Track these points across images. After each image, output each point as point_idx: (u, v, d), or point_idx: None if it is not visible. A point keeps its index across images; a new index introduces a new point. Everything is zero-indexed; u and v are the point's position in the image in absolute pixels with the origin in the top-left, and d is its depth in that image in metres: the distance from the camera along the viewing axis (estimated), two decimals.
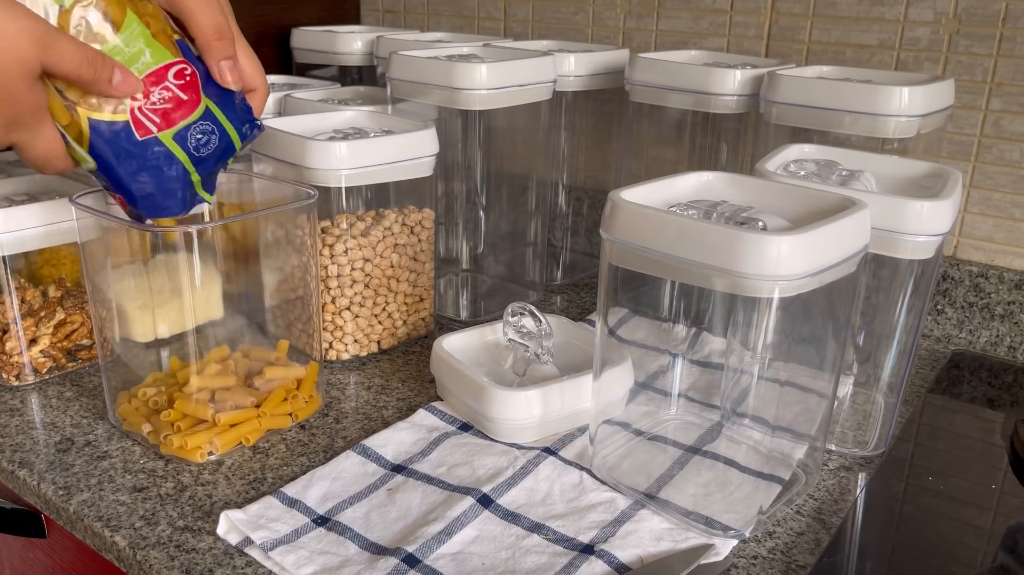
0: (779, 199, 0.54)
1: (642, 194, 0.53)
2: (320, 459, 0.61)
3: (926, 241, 0.55)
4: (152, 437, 0.62)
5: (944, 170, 0.60)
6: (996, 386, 0.76)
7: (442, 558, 0.50)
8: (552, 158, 0.94)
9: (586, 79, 0.88)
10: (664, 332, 0.62)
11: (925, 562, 0.54)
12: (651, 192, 0.54)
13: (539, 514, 0.55)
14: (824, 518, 0.56)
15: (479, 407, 0.62)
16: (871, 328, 0.63)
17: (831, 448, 0.63)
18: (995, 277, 0.81)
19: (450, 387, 0.66)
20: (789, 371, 0.54)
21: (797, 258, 0.45)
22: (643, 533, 0.53)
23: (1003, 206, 0.81)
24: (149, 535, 0.53)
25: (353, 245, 0.73)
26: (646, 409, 0.64)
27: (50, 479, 0.59)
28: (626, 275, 0.53)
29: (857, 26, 0.84)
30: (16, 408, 0.68)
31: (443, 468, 0.59)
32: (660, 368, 0.65)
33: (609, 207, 0.51)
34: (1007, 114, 0.79)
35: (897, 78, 0.74)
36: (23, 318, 0.71)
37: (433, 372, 0.68)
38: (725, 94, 0.77)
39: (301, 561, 0.50)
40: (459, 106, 0.77)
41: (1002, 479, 0.62)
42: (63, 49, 0.47)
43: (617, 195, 0.51)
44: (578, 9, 1.03)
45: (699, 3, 0.93)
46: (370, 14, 1.24)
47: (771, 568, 0.51)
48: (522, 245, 0.91)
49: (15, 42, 0.45)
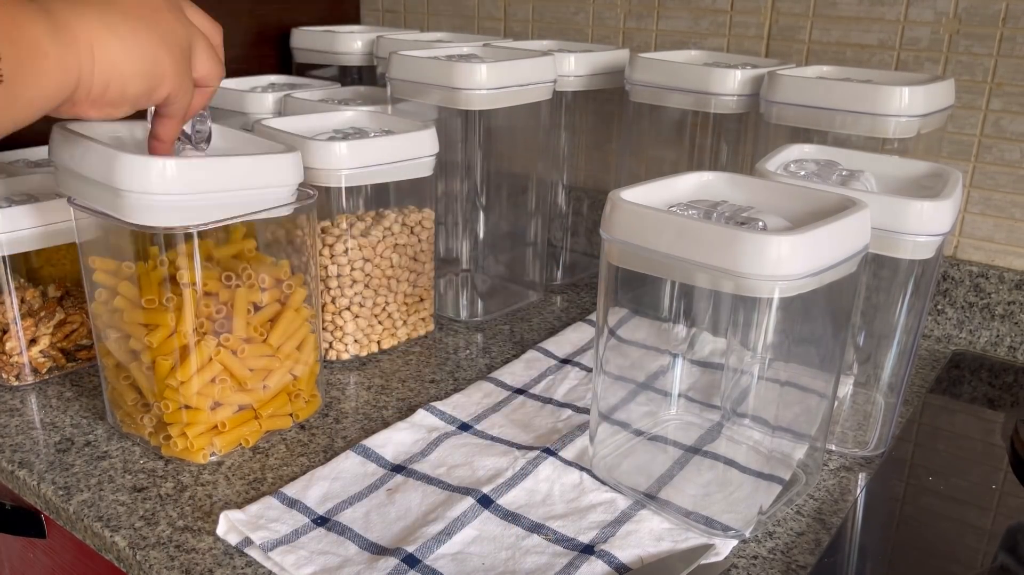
0: (779, 199, 0.54)
1: (642, 194, 0.53)
2: (320, 459, 0.61)
3: (926, 241, 0.55)
4: (152, 438, 0.62)
5: (944, 170, 0.60)
6: (996, 386, 0.76)
7: (442, 558, 0.50)
8: (552, 158, 0.94)
9: (586, 79, 0.88)
10: (664, 332, 0.62)
11: (925, 562, 0.54)
12: (651, 192, 0.54)
13: (539, 514, 0.55)
14: (824, 518, 0.56)
15: (110, 181, 0.53)
16: (871, 328, 0.63)
17: (831, 448, 0.63)
18: (995, 277, 0.81)
19: (75, 169, 0.55)
20: (789, 371, 0.54)
21: (797, 258, 0.45)
22: (643, 533, 0.53)
23: (1003, 206, 0.81)
24: (149, 535, 0.53)
25: (353, 245, 0.73)
26: (646, 409, 0.64)
27: (50, 479, 0.59)
28: (626, 275, 0.53)
29: (857, 26, 0.84)
30: (16, 408, 0.68)
31: (443, 468, 0.59)
32: (660, 368, 0.64)
33: (609, 207, 0.51)
34: (1007, 114, 0.79)
35: (897, 78, 0.74)
36: (23, 318, 0.71)
37: (54, 161, 0.58)
38: (725, 94, 0.77)
39: (301, 561, 0.50)
40: (459, 106, 0.77)
41: (1002, 479, 0.62)
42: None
43: (617, 195, 0.51)
44: (578, 9, 1.03)
45: (699, 3, 0.93)
46: (370, 14, 1.24)
47: (771, 568, 0.51)
48: (522, 245, 0.91)
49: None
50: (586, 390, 0.71)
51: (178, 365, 0.58)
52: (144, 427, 0.62)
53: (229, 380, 0.61)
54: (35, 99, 0.42)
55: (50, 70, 0.42)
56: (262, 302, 0.62)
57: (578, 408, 0.68)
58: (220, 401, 0.61)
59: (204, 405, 0.60)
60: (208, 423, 0.61)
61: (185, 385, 0.59)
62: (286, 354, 0.64)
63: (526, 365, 0.75)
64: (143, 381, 0.61)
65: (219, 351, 0.60)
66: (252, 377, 0.62)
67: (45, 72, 0.42)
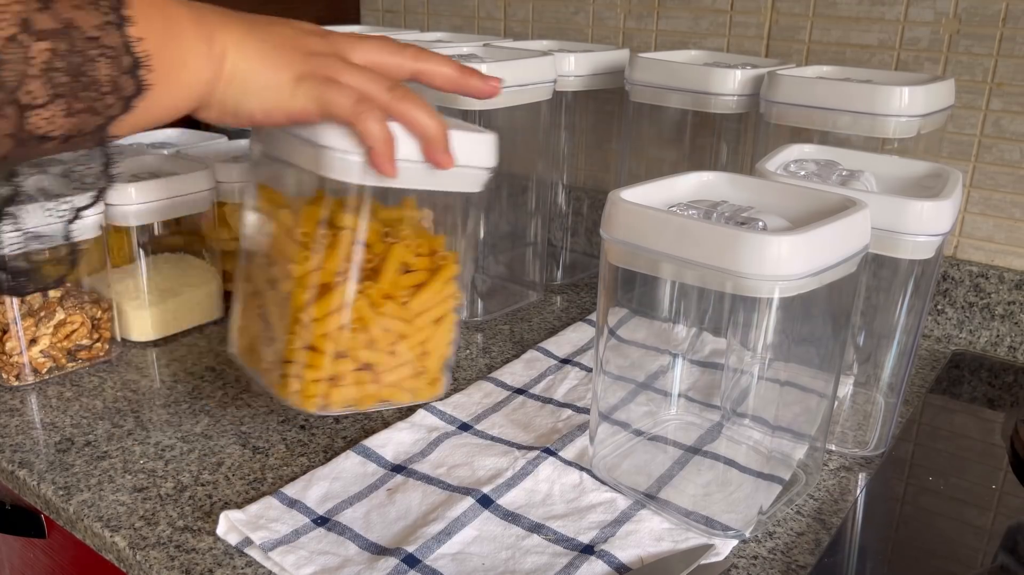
0: (779, 199, 0.54)
1: (642, 194, 0.53)
2: (320, 459, 0.61)
3: (926, 241, 0.55)
4: (267, 376, 0.59)
5: (944, 170, 0.60)
6: (996, 386, 0.76)
7: (442, 558, 0.50)
8: (552, 158, 0.94)
9: (586, 79, 0.88)
10: (664, 332, 0.62)
11: (925, 562, 0.54)
12: (651, 192, 0.54)
13: (539, 514, 0.55)
14: (824, 518, 0.56)
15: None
16: (871, 328, 0.63)
17: (831, 448, 0.63)
18: (995, 277, 0.81)
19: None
20: (789, 371, 0.54)
21: (797, 258, 0.45)
22: (643, 533, 0.53)
23: (1003, 206, 0.81)
24: (149, 535, 0.53)
25: None
26: (646, 409, 0.64)
27: (50, 479, 0.59)
28: (626, 275, 0.53)
29: (857, 26, 0.84)
30: (16, 408, 0.68)
31: (443, 468, 0.59)
32: (660, 368, 0.65)
33: (609, 207, 0.51)
34: (1007, 114, 0.79)
35: (897, 78, 0.74)
36: (23, 318, 0.71)
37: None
38: (725, 94, 0.77)
39: (301, 561, 0.50)
40: (459, 106, 0.77)
41: (1002, 479, 0.62)
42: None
43: (617, 195, 0.51)
44: (578, 9, 1.03)
45: (699, 3, 0.93)
46: (370, 14, 1.24)
47: (771, 568, 0.51)
48: (522, 245, 0.91)
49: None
50: (586, 390, 0.71)
51: (313, 300, 0.55)
52: (261, 362, 0.59)
53: (360, 333, 0.57)
54: (171, 108, 0.43)
55: (191, 83, 0.44)
56: (413, 266, 0.59)
57: (578, 408, 0.68)
58: (344, 352, 0.57)
59: (328, 349, 0.56)
60: (326, 371, 0.56)
61: (317, 323, 0.55)
62: (422, 325, 0.59)
63: (526, 365, 0.75)
64: (274, 312, 0.58)
65: (359, 298, 0.56)
66: (383, 337, 0.58)
67: (186, 84, 0.43)
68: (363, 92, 0.49)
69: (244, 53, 0.45)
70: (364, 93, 0.49)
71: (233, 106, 0.47)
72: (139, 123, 0.41)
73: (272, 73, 0.47)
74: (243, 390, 0.71)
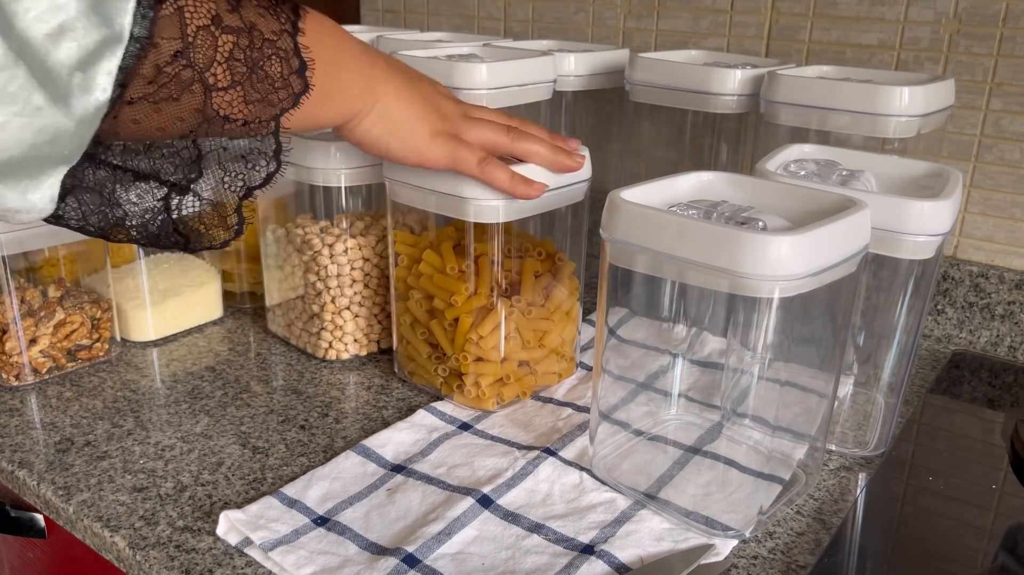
0: (779, 199, 0.54)
1: (642, 194, 0.53)
2: (320, 459, 0.61)
3: (926, 241, 0.55)
4: (444, 388, 0.69)
5: (944, 170, 0.60)
6: (996, 386, 0.76)
7: (442, 558, 0.50)
8: None
9: (586, 79, 0.88)
10: (664, 332, 0.62)
11: (925, 562, 0.54)
12: (651, 192, 0.54)
13: (539, 514, 0.55)
14: (824, 518, 0.56)
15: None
16: (871, 328, 0.63)
17: (831, 448, 0.63)
18: (995, 277, 0.81)
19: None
20: (789, 371, 0.54)
21: (797, 258, 0.45)
22: (643, 533, 0.53)
23: (1003, 206, 0.81)
24: (149, 535, 0.53)
25: (352, 245, 0.73)
26: (646, 409, 0.64)
27: (50, 479, 0.59)
28: (626, 275, 0.53)
29: (857, 26, 0.84)
30: (16, 408, 0.68)
31: (443, 468, 0.59)
32: (660, 368, 0.64)
33: (609, 207, 0.51)
34: (1007, 114, 0.79)
35: (897, 78, 0.74)
36: (23, 318, 0.71)
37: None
38: (725, 94, 0.77)
39: (301, 561, 0.50)
40: None
41: (1002, 479, 0.62)
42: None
43: (617, 195, 0.51)
44: (578, 9, 1.03)
45: (699, 3, 0.93)
46: (370, 14, 1.24)
47: (771, 568, 0.51)
48: None
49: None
50: (586, 390, 0.71)
51: (477, 322, 0.66)
52: (436, 377, 0.69)
53: (518, 338, 0.67)
54: (323, 118, 0.52)
55: (344, 104, 0.52)
56: (540, 270, 0.69)
57: (578, 408, 0.68)
58: (507, 356, 0.67)
59: (496, 358, 0.66)
60: (496, 375, 0.67)
61: (484, 339, 0.66)
62: (559, 319, 0.70)
63: None
64: (441, 336, 0.68)
65: (512, 311, 0.66)
66: (533, 337, 0.69)
67: (339, 103, 0.52)
68: (486, 144, 0.59)
69: (401, 103, 0.55)
70: (488, 144, 0.59)
71: (376, 138, 0.56)
72: (306, 121, 0.49)
73: (416, 123, 0.56)
74: (243, 390, 0.71)
